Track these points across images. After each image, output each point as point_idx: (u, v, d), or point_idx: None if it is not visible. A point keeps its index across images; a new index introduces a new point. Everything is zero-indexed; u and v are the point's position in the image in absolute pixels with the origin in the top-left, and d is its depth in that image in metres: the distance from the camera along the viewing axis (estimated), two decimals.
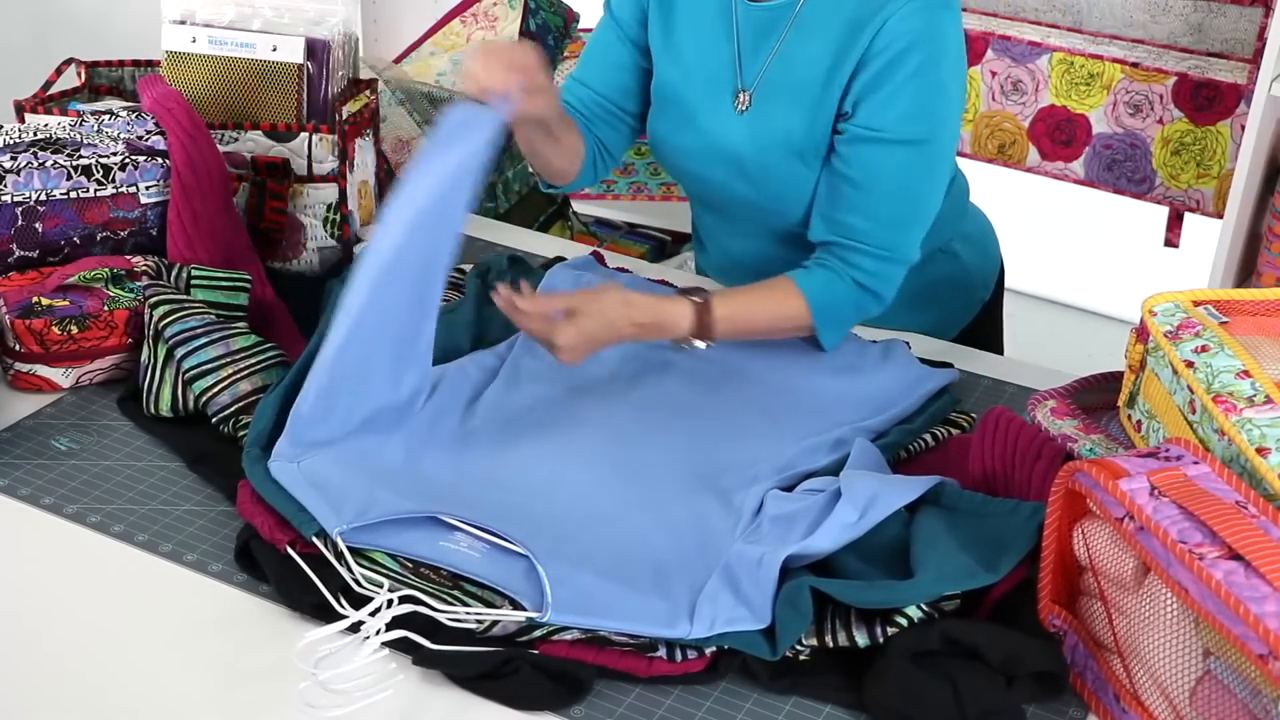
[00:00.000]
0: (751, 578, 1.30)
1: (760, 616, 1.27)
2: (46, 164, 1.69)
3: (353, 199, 1.91)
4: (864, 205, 1.65)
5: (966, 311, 1.95)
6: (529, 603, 1.27)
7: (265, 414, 1.48)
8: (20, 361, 1.62)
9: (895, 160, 1.64)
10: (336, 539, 1.32)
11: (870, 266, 1.66)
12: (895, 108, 1.62)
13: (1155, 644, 1.16)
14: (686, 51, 1.75)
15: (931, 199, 1.69)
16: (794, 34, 1.68)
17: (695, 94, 1.74)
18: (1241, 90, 2.45)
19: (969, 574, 1.28)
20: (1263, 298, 1.42)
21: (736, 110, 1.71)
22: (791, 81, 1.68)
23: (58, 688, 1.25)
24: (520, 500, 1.42)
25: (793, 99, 1.68)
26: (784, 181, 1.70)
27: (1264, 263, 2.41)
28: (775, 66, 1.69)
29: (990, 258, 1.98)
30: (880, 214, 1.65)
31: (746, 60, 1.71)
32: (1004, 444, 1.45)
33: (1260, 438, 1.22)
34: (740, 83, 1.71)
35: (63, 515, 1.44)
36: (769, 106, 1.69)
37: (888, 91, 1.62)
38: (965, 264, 1.91)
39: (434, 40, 2.33)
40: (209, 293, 1.67)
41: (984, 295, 1.97)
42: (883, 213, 1.65)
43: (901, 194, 1.65)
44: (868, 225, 1.65)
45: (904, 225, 1.67)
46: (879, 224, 1.65)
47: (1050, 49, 2.62)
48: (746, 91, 1.70)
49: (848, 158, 1.65)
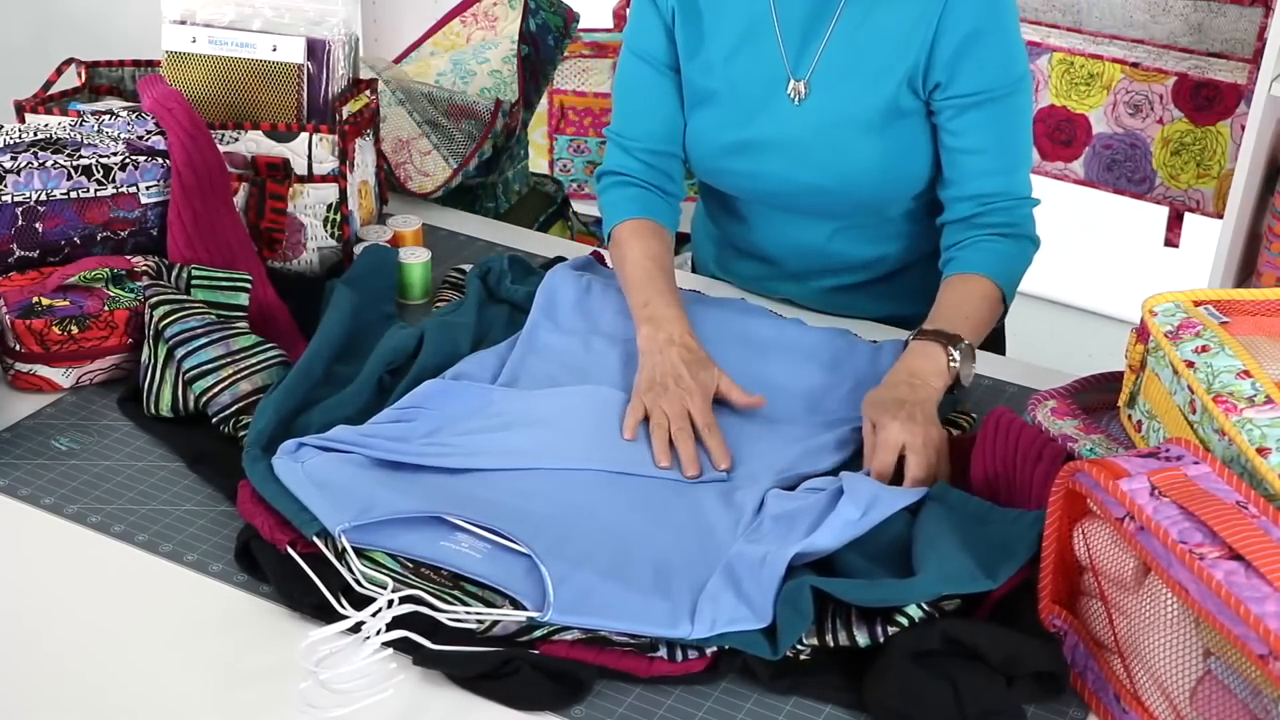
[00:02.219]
0: (753, 577, 1.30)
1: (761, 616, 1.27)
2: (47, 164, 1.69)
3: (353, 199, 1.91)
4: (988, 167, 1.71)
5: None
6: (530, 603, 1.27)
7: (265, 414, 1.48)
8: (20, 361, 1.62)
9: (1003, 113, 1.70)
10: (339, 537, 1.32)
11: (1014, 218, 1.72)
12: (989, 68, 1.67)
13: (1155, 644, 1.16)
14: (725, 55, 1.75)
15: (1026, 132, 1.75)
16: (849, 14, 1.69)
17: (742, 95, 1.75)
18: (1241, 90, 2.45)
19: (969, 577, 1.27)
20: (1263, 298, 1.42)
21: (793, 103, 1.72)
22: (855, 62, 1.70)
23: (58, 688, 1.25)
24: (521, 501, 1.42)
25: (859, 78, 1.70)
26: (852, 160, 1.73)
27: (1264, 263, 2.41)
28: (833, 51, 1.70)
29: None
30: (1003, 167, 1.72)
31: (794, 51, 1.72)
32: (1005, 445, 1.45)
33: (1260, 438, 1.22)
34: (792, 74, 1.72)
35: (63, 515, 1.44)
36: (832, 91, 1.72)
37: (978, 54, 1.67)
38: None
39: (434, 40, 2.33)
40: (209, 293, 1.67)
41: None
42: (1004, 165, 1.72)
43: (1014, 141, 1.73)
44: (996, 183, 1.71)
45: (1022, 166, 1.75)
46: (1004, 177, 1.72)
47: (1050, 49, 2.62)
48: (801, 81, 1.71)
49: (958, 129, 1.70)
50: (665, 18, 1.77)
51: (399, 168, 2.13)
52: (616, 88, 1.84)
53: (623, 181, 1.81)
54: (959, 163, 1.72)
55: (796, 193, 1.77)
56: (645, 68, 1.79)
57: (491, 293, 1.82)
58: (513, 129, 2.20)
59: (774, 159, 1.75)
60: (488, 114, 2.13)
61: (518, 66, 2.22)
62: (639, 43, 1.79)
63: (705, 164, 1.83)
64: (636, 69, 1.80)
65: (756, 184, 1.80)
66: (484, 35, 2.26)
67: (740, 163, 1.78)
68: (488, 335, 1.74)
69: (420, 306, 1.87)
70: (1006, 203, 1.72)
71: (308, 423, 1.51)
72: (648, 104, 1.81)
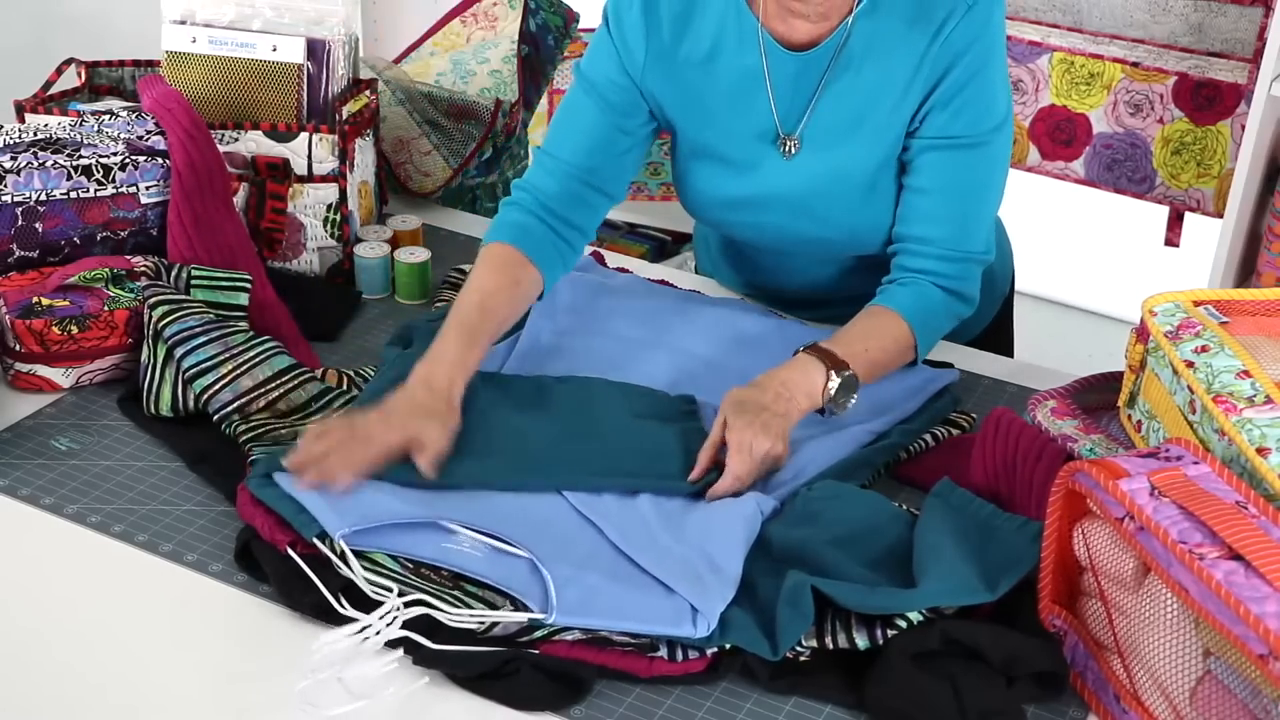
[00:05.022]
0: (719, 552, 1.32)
1: (765, 616, 1.27)
2: (47, 164, 1.69)
3: (353, 199, 1.91)
4: (936, 211, 1.65)
5: (990, 308, 1.95)
6: (533, 602, 1.27)
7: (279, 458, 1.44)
8: (20, 361, 1.62)
9: (967, 161, 1.64)
10: (338, 541, 1.32)
11: (951, 271, 1.66)
12: (966, 113, 1.62)
13: (1155, 644, 1.16)
14: (716, 107, 1.69)
15: (1000, 191, 1.69)
16: (840, 72, 1.65)
17: (735, 147, 1.71)
18: (1241, 90, 2.45)
19: (969, 590, 1.27)
20: (1263, 298, 1.42)
21: (783, 157, 1.69)
22: (846, 118, 1.66)
23: (58, 687, 1.25)
24: (521, 504, 1.42)
25: (850, 135, 1.66)
26: (855, 214, 1.69)
27: (1264, 263, 2.41)
28: (824, 107, 1.66)
29: (1006, 253, 1.98)
30: (953, 216, 1.65)
31: (784, 106, 1.68)
32: (1005, 445, 1.45)
33: (1260, 438, 1.22)
34: (781, 130, 1.68)
35: (63, 515, 1.44)
36: (822, 147, 1.68)
37: (959, 100, 1.62)
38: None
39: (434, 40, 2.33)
40: (209, 293, 1.67)
41: (1005, 290, 1.98)
42: (955, 214, 1.65)
43: (973, 193, 1.66)
44: (942, 231, 1.65)
45: (977, 222, 1.67)
46: (953, 226, 1.65)
47: (1050, 48, 2.62)
48: (792, 137, 1.68)
49: (916, 168, 1.65)
50: (634, 74, 1.69)
51: (399, 168, 2.13)
52: (559, 109, 1.76)
53: (524, 208, 1.69)
54: (908, 201, 1.67)
55: (800, 242, 1.75)
56: (592, 104, 1.71)
57: None
58: (513, 129, 2.20)
59: (774, 212, 1.72)
60: (488, 114, 2.13)
61: (518, 66, 2.22)
62: (593, 76, 1.71)
63: (708, 215, 1.80)
64: (582, 102, 1.72)
65: (761, 234, 1.77)
66: (484, 35, 2.26)
67: (741, 215, 1.75)
68: None
69: (420, 306, 1.87)
70: (952, 255, 1.66)
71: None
72: (583, 139, 1.71)
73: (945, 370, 1.70)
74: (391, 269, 1.89)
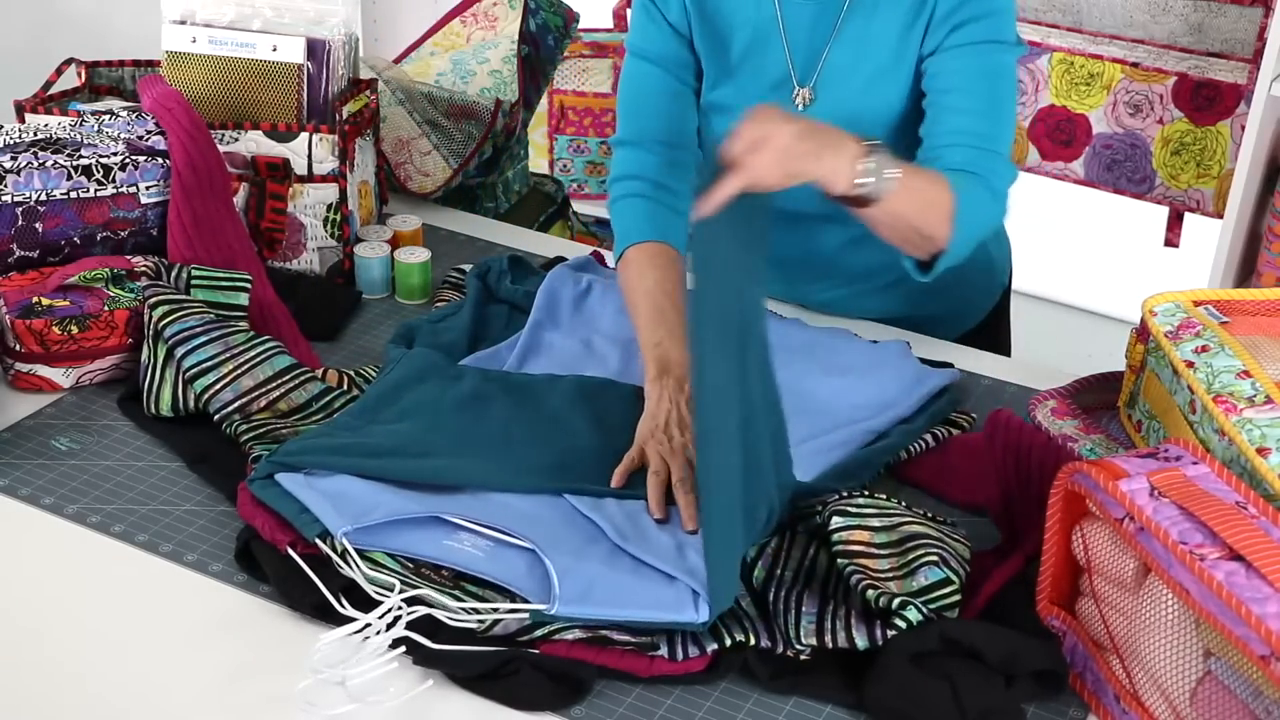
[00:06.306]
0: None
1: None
2: (47, 164, 1.69)
3: (353, 199, 1.91)
4: (956, 105, 1.64)
5: (989, 297, 1.95)
6: (534, 600, 1.27)
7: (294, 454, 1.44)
8: (20, 361, 1.62)
9: (983, 58, 1.64)
10: (340, 539, 1.32)
11: (984, 163, 1.63)
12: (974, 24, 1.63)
13: (1155, 645, 1.16)
14: (735, 63, 1.73)
15: (1011, 95, 1.68)
16: (853, 20, 1.68)
17: (749, 100, 1.69)
18: (1241, 90, 2.45)
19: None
20: (1263, 298, 1.42)
21: (797, 108, 1.71)
22: (858, 64, 1.68)
23: (57, 688, 1.25)
24: (519, 500, 1.42)
25: (862, 82, 1.69)
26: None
27: (1264, 263, 2.41)
28: (837, 54, 1.69)
29: (1004, 244, 1.98)
30: (979, 107, 1.64)
31: (799, 56, 1.70)
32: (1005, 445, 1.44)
33: (1260, 438, 1.22)
34: (796, 79, 1.71)
35: (63, 515, 1.44)
36: (836, 96, 1.70)
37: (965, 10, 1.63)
38: (988, 248, 1.91)
39: (434, 40, 2.33)
40: (209, 293, 1.67)
41: (1004, 281, 1.98)
42: (981, 105, 1.64)
43: (987, 85, 1.65)
44: (963, 121, 1.64)
45: (995, 115, 1.66)
46: (973, 116, 1.64)
47: (1050, 49, 2.62)
48: (806, 87, 1.70)
49: (937, 70, 1.66)
50: (679, 28, 1.74)
51: (399, 168, 2.13)
52: (622, 92, 1.80)
53: (635, 192, 1.74)
54: (933, 104, 1.66)
55: (809, 196, 1.76)
56: (653, 69, 1.76)
57: (491, 293, 1.82)
58: (513, 129, 2.20)
59: None
60: (488, 114, 2.13)
61: (518, 66, 2.22)
62: (644, 46, 1.76)
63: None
64: (643, 70, 1.76)
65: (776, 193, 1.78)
66: (484, 35, 2.26)
67: None
68: (486, 335, 1.74)
69: (420, 307, 1.87)
70: (983, 145, 1.63)
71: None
72: (659, 102, 1.76)
73: (945, 370, 1.70)
74: (391, 269, 1.89)
